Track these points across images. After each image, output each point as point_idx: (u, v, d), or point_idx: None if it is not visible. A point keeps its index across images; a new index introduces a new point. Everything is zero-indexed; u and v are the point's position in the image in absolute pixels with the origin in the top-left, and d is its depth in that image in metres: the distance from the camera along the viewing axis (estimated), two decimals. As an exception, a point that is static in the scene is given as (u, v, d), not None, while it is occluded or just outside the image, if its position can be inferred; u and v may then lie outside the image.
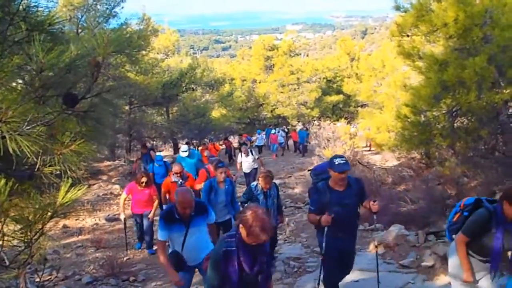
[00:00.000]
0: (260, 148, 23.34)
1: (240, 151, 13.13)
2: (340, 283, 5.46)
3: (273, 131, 24.51)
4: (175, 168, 8.38)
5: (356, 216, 4.70)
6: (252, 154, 12.43)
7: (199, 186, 8.18)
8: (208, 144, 16.54)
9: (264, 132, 24.96)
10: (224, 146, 21.37)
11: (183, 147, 11.75)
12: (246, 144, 16.30)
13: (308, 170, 5.27)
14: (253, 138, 21.61)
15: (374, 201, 4.52)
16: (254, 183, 6.63)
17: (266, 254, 3.35)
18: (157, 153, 13.66)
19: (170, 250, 4.58)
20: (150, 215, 7.91)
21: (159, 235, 4.49)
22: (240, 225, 3.04)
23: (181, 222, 4.40)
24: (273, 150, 23.19)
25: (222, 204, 6.70)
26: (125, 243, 8.24)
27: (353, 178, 4.72)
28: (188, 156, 11.05)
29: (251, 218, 2.97)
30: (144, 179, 7.77)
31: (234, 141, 25.76)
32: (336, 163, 4.33)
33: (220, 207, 6.63)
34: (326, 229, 4.47)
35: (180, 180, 8.20)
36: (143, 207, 7.98)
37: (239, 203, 6.92)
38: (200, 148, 15.62)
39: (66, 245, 8.67)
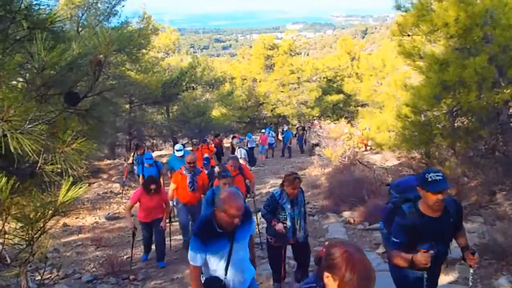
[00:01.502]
0: (252, 150, 22.29)
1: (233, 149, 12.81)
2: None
3: (263, 131, 23.96)
4: (188, 157, 7.64)
5: (448, 249, 3.56)
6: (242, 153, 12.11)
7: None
8: (200, 145, 13.89)
9: (265, 132, 24.61)
10: (213, 143, 20.50)
11: (178, 146, 10.44)
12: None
13: (387, 185, 4.05)
14: (245, 140, 21.01)
15: (473, 253, 3.35)
16: (277, 189, 5.26)
17: None
18: (147, 151, 12.75)
19: (203, 278, 3.49)
20: (163, 223, 7.18)
21: (192, 258, 3.33)
22: (326, 274, 2.01)
23: (223, 236, 3.32)
24: (261, 151, 22.76)
25: None
26: (131, 254, 7.45)
27: (449, 199, 3.42)
28: (182, 157, 9.59)
29: (346, 263, 1.94)
30: (153, 186, 6.93)
31: (227, 141, 25.49)
32: (430, 179, 3.17)
33: None
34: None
35: (192, 173, 7.50)
36: (153, 215, 7.15)
37: (260, 218, 5.89)
38: (190, 149, 13.67)
39: (66, 244, 8.68)
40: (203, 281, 3.42)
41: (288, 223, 5.11)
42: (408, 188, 3.60)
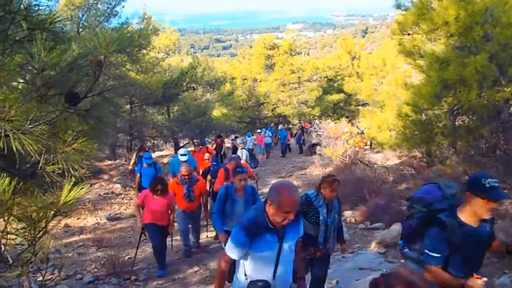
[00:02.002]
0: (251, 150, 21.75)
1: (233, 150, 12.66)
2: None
3: (258, 131, 23.56)
4: (183, 169, 7.37)
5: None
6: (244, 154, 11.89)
7: (218, 187, 7.11)
8: (200, 147, 13.19)
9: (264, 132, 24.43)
10: (215, 145, 19.84)
11: (182, 150, 10.19)
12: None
13: (407, 200, 3.53)
14: (245, 139, 20.86)
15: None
16: (313, 191, 4.75)
17: None
18: (147, 151, 12.31)
19: (246, 281, 3.03)
20: (169, 229, 6.93)
21: (230, 249, 2.96)
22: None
23: (273, 233, 2.93)
24: (259, 151, 22.62)
25: (240, 216, 5.31)
26: (134, 255, 7.31)
27: None
28: (186, 162, 9.04)
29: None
30: (159, 187, 6.56)
31: (228, 140, 25.42)
32: (489, 185, 2.80)
33: (237, 221, 5.34)
34: None
35: (188, 184, 7.34)
36: (159, 220, 6.71)
37: None
38: (192, 149, 13.59)
39: (68, 245, 8.69)
40: (247, 284, 2.98)
41: (321, 229, 4.59)
42: (437, 199, 3.22)
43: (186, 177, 7.29)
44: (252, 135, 23.06)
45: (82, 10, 14.74)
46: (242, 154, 14.33)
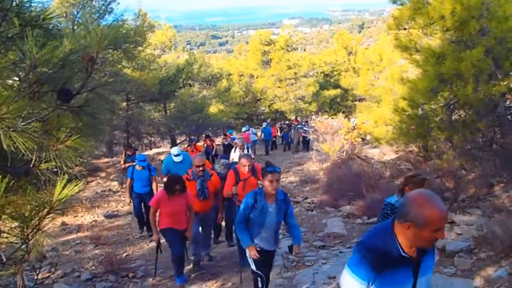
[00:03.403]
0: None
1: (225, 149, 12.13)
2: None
3: (243, 129, 22.15)
4: (196, 160, 6.35)
5: None
6: (248, 151, 10.73)
7: (229, 192, 6.31)
8: (192, 144, 13.10)
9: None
10: (205, 145, 18.73)
11: (175, 149, 8.68)
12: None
13: None
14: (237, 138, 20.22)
15: None
16: (394, 196, 4.16)
17: None
18: (139, 153, 11.62)
19: None
20: (188, 233, 6.00)
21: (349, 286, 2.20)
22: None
23: (407, 263, 2.15)
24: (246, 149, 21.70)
25: (272, 229, 4.51)
26: (155, 266, 6.51)
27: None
28: (181, 162, 8.27)
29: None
30: (178, 186, 5.67)
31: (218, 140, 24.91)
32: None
33: (268, 233, 4.52)
34: None
35: (202, 178, 6.29)
36: (177, 223, 5.85)
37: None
38: (186, 147, 13.12)
39: (65, 242, 8.68)
40: None
41: None
42: None
43: (200, 169, 6.20)
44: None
45: (77, 7, 14.67)
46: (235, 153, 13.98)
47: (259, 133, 24.83)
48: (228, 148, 16.31)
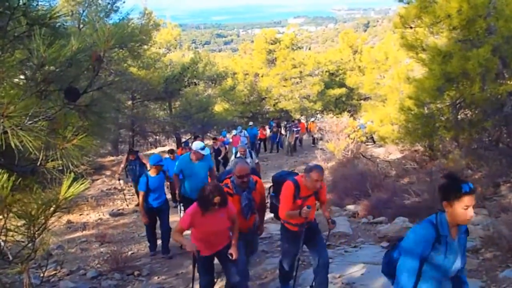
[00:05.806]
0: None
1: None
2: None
3: (234, 132, 20.81)
4: (238, 169, 4.75)
5: None
6: (251, 156, 9.44)
7: (290, 214, 4.55)
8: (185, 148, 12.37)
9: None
10: (213, 147, 16.46)
11: (199, 144, 6.99)
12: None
13: None
14: (230, 139, 19.33)
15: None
16: None
17: None
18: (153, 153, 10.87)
19: None
20: (232, 250, 4.32)
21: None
22: None
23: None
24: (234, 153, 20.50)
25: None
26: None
27: None
28: (201, 160, 6.89)
29: None
30: (217, 199, 4.15)
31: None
32: None
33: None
34: None
35: (247, 191, 4.81)
36: (214, 245, 4.47)
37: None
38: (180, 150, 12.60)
39: (71, 240, 8.71)
40: None
41: None
42: None
43: (244, 180, 4.72)
44: (228, 134, 20.91)
45: (83, 6, 14.73)
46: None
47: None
48: (217, 153, 15.53)
